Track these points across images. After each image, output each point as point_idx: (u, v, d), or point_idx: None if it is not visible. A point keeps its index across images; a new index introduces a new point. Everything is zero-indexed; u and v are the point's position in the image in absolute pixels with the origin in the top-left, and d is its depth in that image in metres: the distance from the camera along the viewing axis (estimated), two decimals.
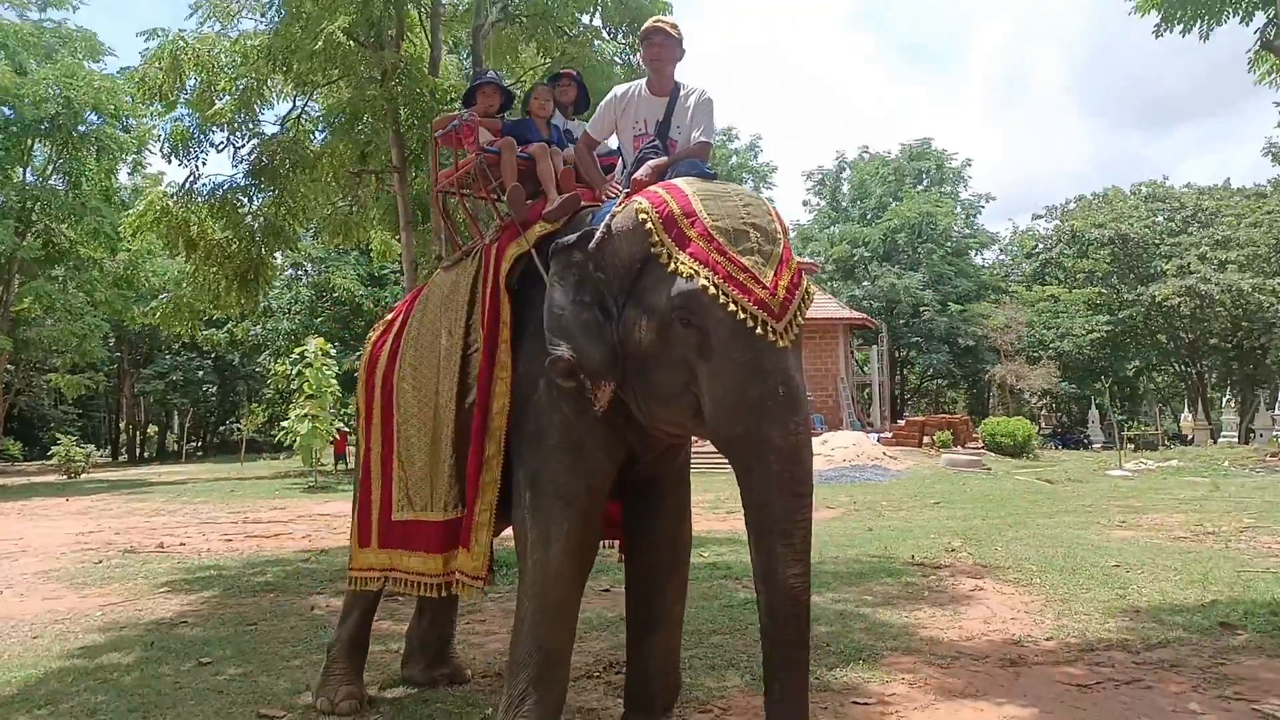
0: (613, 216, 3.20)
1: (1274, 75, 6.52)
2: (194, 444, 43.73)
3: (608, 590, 6.89)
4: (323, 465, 23.08)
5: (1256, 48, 6.35)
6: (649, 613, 3.70)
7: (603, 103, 3.76)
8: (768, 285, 2.86)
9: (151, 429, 49.06)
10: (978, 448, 25.39)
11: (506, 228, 3.85)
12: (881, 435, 26.53)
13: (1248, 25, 6.08)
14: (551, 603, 3.31)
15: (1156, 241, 37.65)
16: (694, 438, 3.62)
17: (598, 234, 3.14)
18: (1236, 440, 30.98)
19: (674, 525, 3.74)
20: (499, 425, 3.49)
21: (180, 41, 10.09)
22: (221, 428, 47.77)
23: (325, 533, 12.11)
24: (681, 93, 3.65)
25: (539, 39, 9.81)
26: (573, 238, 3.23)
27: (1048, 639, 5.39)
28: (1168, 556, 8.21)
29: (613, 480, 3.49)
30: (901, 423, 29.07)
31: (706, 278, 2.82)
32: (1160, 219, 38.73)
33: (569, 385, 3.14)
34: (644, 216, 3.02)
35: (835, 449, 21.10)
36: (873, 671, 4.78)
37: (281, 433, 22.75)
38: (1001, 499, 15.12)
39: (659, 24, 3.66)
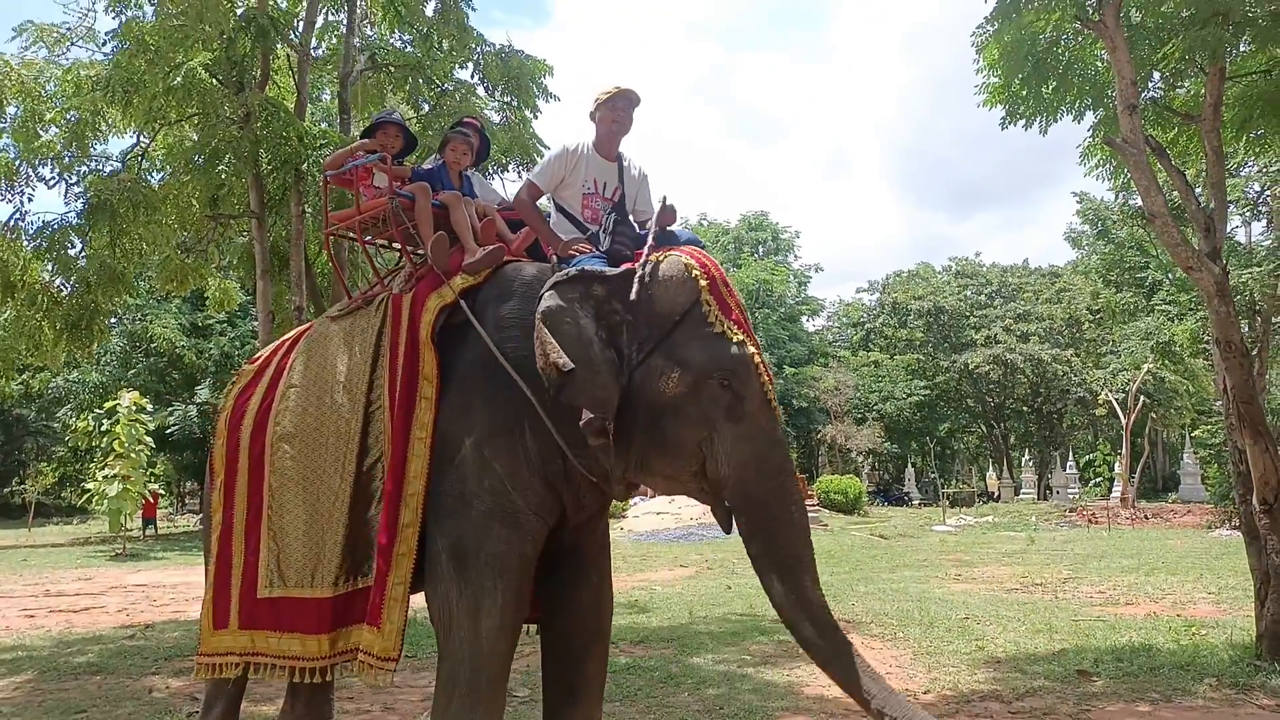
0: (641, 265, 3.15)
1: (1102, 168, 7.37)
2: None
3: None
4: (129, 531, 20.96)
5: (1088, 143, 7.17)
6: (571, 683, 3.55)
7: (551, 156, 3.63)
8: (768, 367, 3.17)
9: None
10: (813, 504, 26.45)
11: (422, 277, 3.62)
12: None
13: (1079, 123, 6.86)
14: (484, 681, 3.10)
15: (967, 313, 41.08)
16: None
17: (635, 278, 3.11)
18: (1036, 496, 33.88)
19: (597, 594, 3.62)
20: (416, 490, 3.22)
21: (4, 65, 9.29)
22: (7, 489, 42.76)
23: (145, 605, 11.00)
24: (625, 161, 3.63)
25: (410, 89, 9.68)
26: (591, 272, 3.13)
27: (926, 692, 5.62)
28: (1008, 608, 8.81)
29: (543, 546, 3.33)
30: None
31: (754, 349, 3.04)
32: (970, 293, 42.37)
33: (598, 443, 3.06)
34: (696, 273, 3.09)
35: (683, 508, 21.38)
36: None
37: (77, 495, 20.59)
38: (843, 554, 15.80)
39: (628, 92, 3.53)
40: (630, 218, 3.55)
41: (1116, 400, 29.91)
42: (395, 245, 4.14)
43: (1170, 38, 6.10)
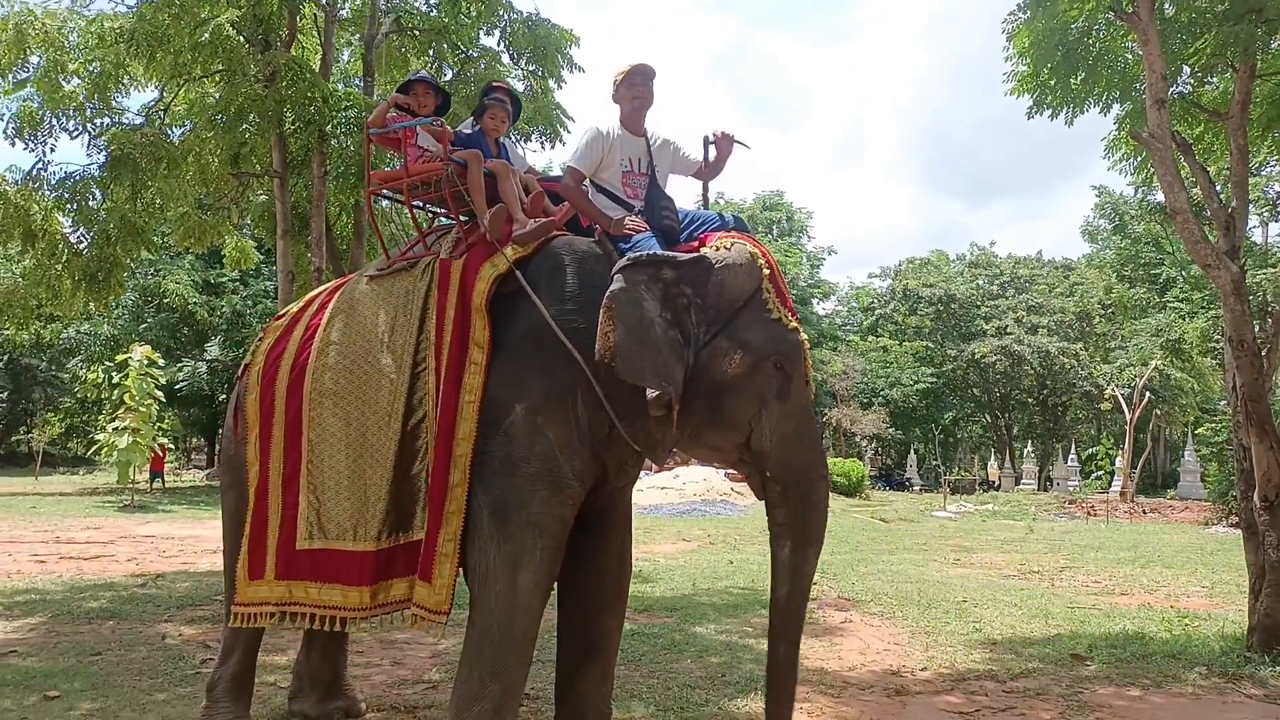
0: (708, 251, 3.37)
1: (1126, 162, 7.37)
2: None
3: None
4: (136, 483, 21.17)
5: (1114, 136, 7.17)
6: (589, 641, 3.67)
7: (588, 139, 3.64)
8: None
9: None
10: None
11: (474, 244, 3.64)
12: (728, 472, 27.23)
13: (1106, 115, 6.86)
14: (516, 634, 3.21)
15: (978, 303, 41.02)
16: None
17: (704, 264, 3.31)
18: (1036, 487, 34.01)
19: (620, 557, 3.76)
20: (464, 452, 3.30)
21: (28, 14, 9.29)
22: (13, 438, 43.11)
23: (154, 556, 11.17)
24: (650, 135, 3.70)
25: (435, 54, 9.68)
26: (671, 254, 3.29)
27: (922, 669, 5.73)
28: (1005, 593, 8.91)
29: (579, 509, 3.43)
30: None
31: (803, 335, 3.33)
32: (982, 282, 42.26)
33: (660, 415, 3.20)
34: (760, 262, 3.33)
35: (687, 484, 21.57)
36: None
37: (83, 446, 20.77)
38: (844, 536, 15.91)
39: (643, 67, 3.61)
40: (664, 189, 3.68)
41: (1122, 395, 29.92)
42: (435, 209, 4.18)
43: (1203, 33, 6.10)
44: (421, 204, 4.15)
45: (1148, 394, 29.16)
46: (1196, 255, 6.08)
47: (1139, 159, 7.40)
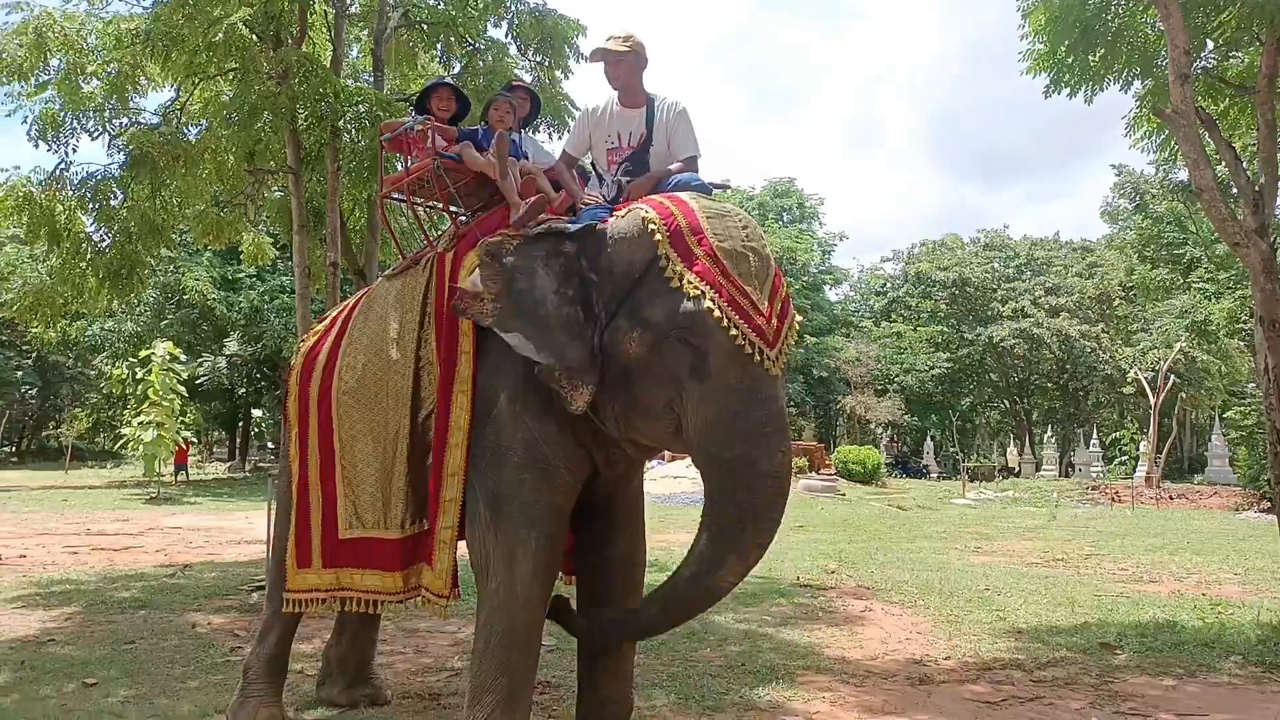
0: (610, 221, 3.14)
1: (1148, 139, 7.25)
2: (7, 449, 39.77)
3: None
4: (162, 476, 21.53)
5: (1135, 113, 7.05)
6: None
7: (576, 119, 3.69)
8: (764, 312, 2.88)
9: None
10: (831, 474, 26.47)
11: (463, 235, 3.73)
12: None
13: (1126, 92, 6.74)
14: (519, 625, 3.20)
15: (994, 286, 40.59)
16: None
17: (597, 235, 3.07)
18: (1057, 474, 33.73)
19: (628, 552, 3.71)
20: (458, 441, 3.36)
21: (47, 18, 9.34)
22: (44, 433, 43.73)
23: (181, 547, 11.31)
24: (657, 105, 3.56)
25: (442, 47, 9.65)
26: (564, 226, 3.14)
27: (946, 658, 5.69)
28: (1029, 581, 8.83)
29: (576, 498, 3.42)
30: None
31: (712, 300, 2.81)
32: (997, 265, 41.82)
33: (575, 403, 3.02)
34: (652, 227, 2.96)
35: None
36: (793, 690, 4.90)
37: (110, 440, 21.12)
38: (861, 524, 15.84)
39: (601, 48, 3.52)
40: (649, 161, 3.49)
41: (1146, 379, 29.58)
42: (434, 205, 4.24)
43: (1227, 5, 5.97)
44: (423, 202, 4.22)
45: (1172, 377, 28.78)
46: (1224, 234, 5.98)
47: (1161, 136, 7.28)
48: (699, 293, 2.82)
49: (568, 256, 3.11)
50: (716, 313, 2.79)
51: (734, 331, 2.80)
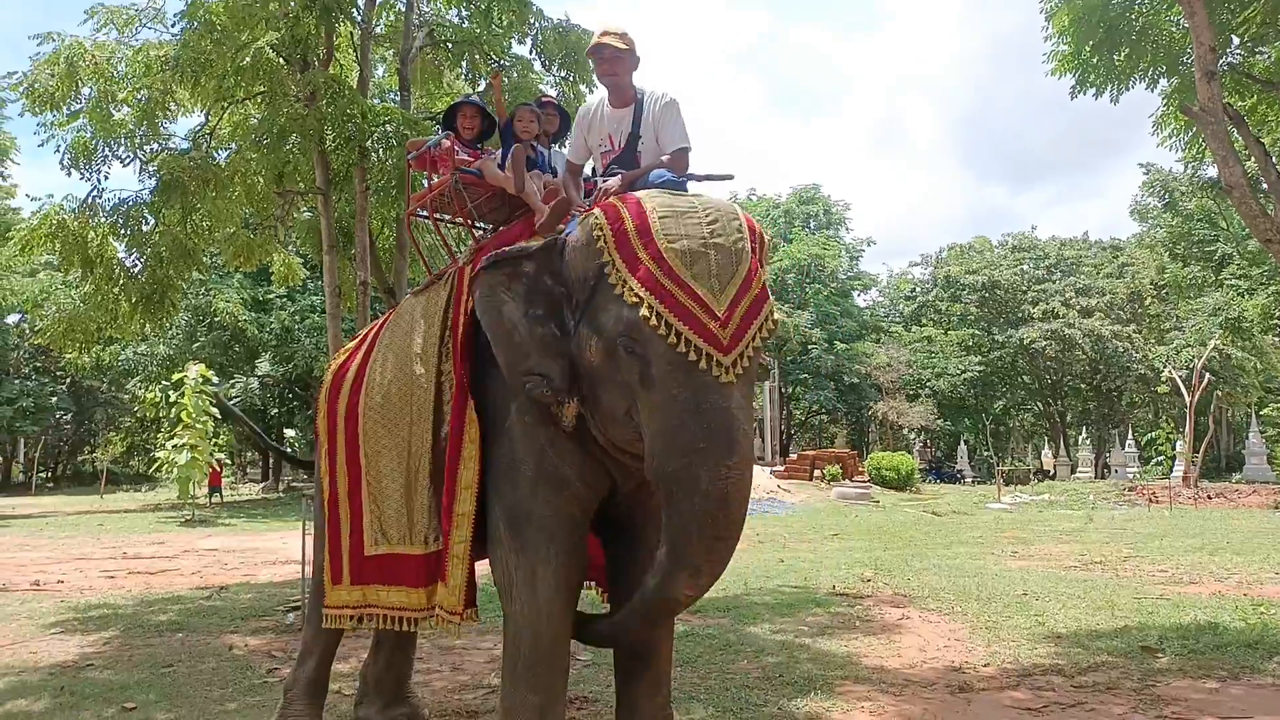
0: (569, 230, 3.11)
1: (1176, 137, 7.18)
2: (44, 474, 40.47)
3: None
4: (196, 499, 21.78)
5: (1162, 111, 6.99)
6: (635, 650, 3.60)
7: (574, 127, 3.66)
8: (719, 315, 2.70)
9: None
10: (864, 481, 26.32)
11: (482, 249, 3.71)
12: (774, 469, 27.14)
13: (1152, 90, 6.68)
14: (545, 643, 3.17)
15: (1024, 288, 40.24)
16: None
17: (559, 246, 3.03)
18: (1093, 475, 33.24)
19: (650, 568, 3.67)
20: (471, 454, 3.35)
21: (78, 48, 9.57)
22: (79, 458, 44.45)
23: (216, 569, 11.44)
24: (646, 101, 3.50)
25: (470, 64, 9.77)
26: (517, 248, 3.11)
27: (985, 665, 5.62)
28: (1068, 585, 8.71)
29: (594, 512, 3.37)
30: (793, 456, 29.85)
31: (649, 306, 2.67)
32: (1027, 266, 41.46)
33: (564, 418, 3.00)
34: (597, 233, 2.86)
35: None
36: (832, 701, 4.86)
37: (144, 463, 21.41)
38: (896, 531, 15.72)
39: (603, 40, 3.46)
40: (640, 159, 3.44)
41: (1180, 377, 29.11)
42: (455, 221, 4.30)
43: (1251, 1, 5.91)
44: (447, 219, 4.27)
45: (1207, 375, 28.31)
46: (1255, 230, 5.90)
47: (1189, 134, 7.20)
48: (637, 300, 2.71)
49: (530, 276, 3.06)
50: (653, 320, 2.66)
51: (673, 339, 2.65)
